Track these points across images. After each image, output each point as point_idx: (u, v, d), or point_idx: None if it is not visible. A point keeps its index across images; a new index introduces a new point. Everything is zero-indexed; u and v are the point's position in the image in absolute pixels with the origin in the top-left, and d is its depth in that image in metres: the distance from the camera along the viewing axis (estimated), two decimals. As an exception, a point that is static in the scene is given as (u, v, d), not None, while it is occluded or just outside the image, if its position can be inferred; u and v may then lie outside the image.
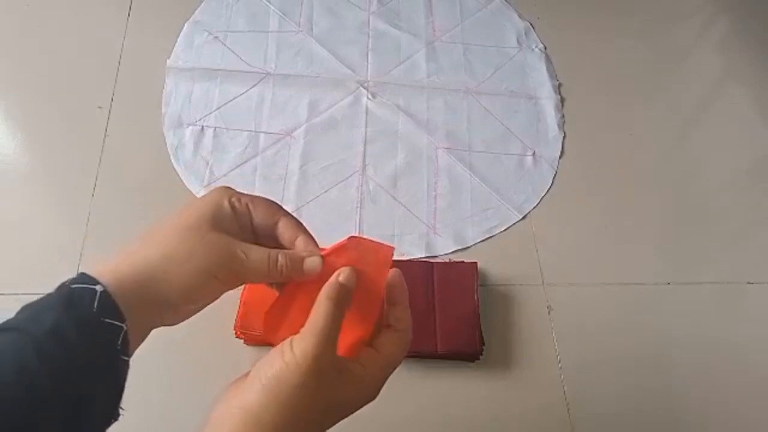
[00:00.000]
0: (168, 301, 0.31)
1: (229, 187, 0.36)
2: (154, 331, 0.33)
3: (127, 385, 0.31)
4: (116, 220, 0.77)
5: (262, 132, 0.87)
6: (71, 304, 0.28)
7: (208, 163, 0.83)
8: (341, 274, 0.34)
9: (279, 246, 0.36)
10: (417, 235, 0.80)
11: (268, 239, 0.36)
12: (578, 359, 0.74)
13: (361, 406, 0.34)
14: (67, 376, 0.27)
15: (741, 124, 0.98)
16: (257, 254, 0.33)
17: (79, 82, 0.87)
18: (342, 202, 0.82)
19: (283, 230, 0.36)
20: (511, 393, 0.71)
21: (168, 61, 0.91)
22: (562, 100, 0.96)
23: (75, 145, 0.82)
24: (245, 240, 0.34)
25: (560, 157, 0.90)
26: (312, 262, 0.35)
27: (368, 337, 0.36)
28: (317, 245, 0.37)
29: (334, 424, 0.33)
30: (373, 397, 0.34)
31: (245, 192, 0.36)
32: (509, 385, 0.71)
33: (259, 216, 0.36)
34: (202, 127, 0.86)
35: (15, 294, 0.70)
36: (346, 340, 0.34)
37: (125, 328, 0.29)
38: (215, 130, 0.86)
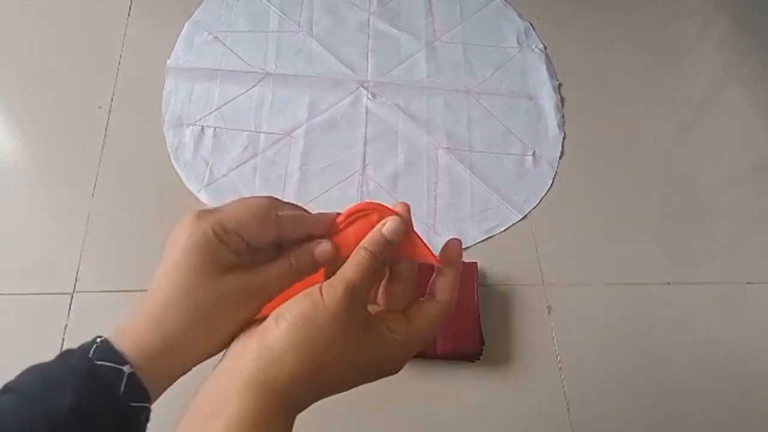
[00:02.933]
0: (196, 359, 0.29)
1: (201, 214, 0.30)
2: None
3: None
4: (116, 220, 0.77)
5: (262, 132, 0.87)
6: (95, 383, 0.26)
7: (208, 163, 0.83)
8: (385, 225, 0.32)
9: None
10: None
11: (267, 249, 0.32)
12: (578, 359, 0.74)
13: (383, 375, 0.32)
14: None
15: (741, 124, 0.98)
16: (269, 272, 0.30)
17: (79, 82, 0.87)
18: (342, 202, 0.82)
19: (287, 221, 0.32)
20: (511, 393, 0.71)
21: (168, 61, 0.91)
22: (562, 100, 0.96)
23: (75, 145, 0.82)
24: (247, 257, 0.31)
25: (560, 157, 0.90)
26: (322, 250, 0.32)
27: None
28: (322, 219, 0.33)
29: (353, 386, 0.31)
30: (396, 370, 0.32)
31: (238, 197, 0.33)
32: (509, 385, 0.71)
33: (249, 233, 0.30)
34: (202, 127, 0.86)
35: (15, 294, 0.70)
36: None
37: (150, 407, 0.28)
38: (215, 130, 0.86)
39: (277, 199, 0.32)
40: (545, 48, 1.01)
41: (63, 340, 0.67)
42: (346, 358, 0.29)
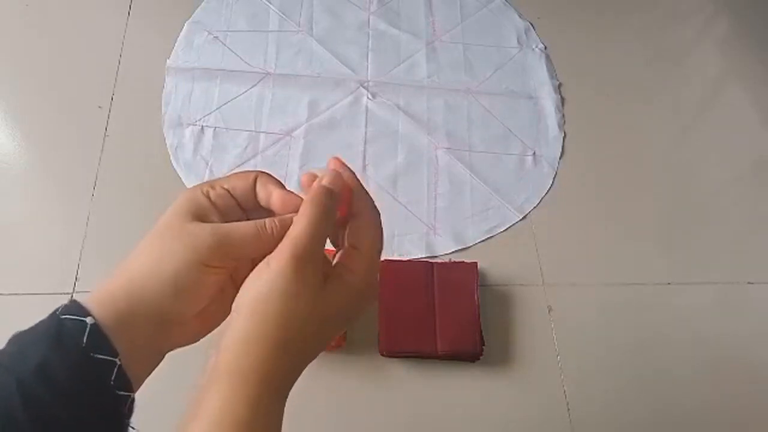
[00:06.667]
0: (164, 310, 0.29)
1: (202, 183, 0.33)
2: None
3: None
4: (116, 220, 0.77)
5: (262, 132, 0.87)
6: (59, 338, 0.26)
7: (207, 163, 0.83)
8: (324, 178, 0.32)
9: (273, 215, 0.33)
10: (417, 235, 0.80)
11: (262, 213, 0.33)
12: (578, 359, 0.74)
13: (364, 308, 0.32)
14: (55, 423, 0.25)
15: (741, 124, 0.98)
16: (244, 226, 0.30)
17: (79, 82, 0.87)
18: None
19: (260, 190, 0.33)
20: (511, 393, 0.71)
21: (168, 61, 0.91)
22: (562, 100, 0.96)
23: (75, 145, 0.82)
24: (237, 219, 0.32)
25: (560, 157, 0.90)
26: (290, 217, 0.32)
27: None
28: (297, 196, 0.33)
29: (330, 340, 0.31)
30: (374, 297, 0.33)
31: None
32: (509, 385, 0.71)
33: (237, 189, 0.32)
34: (202, 127, 0.86)
35: (15, 294, 0.70)
36: None
37: (119, 362, 0.27)
38: (215, 130, 0.86)
39: (270, 175, 0.33)
40: (545, 48, 1.01)
41: (63, 340, 0.67)
42: (315, 317, 0.29)
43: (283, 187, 0.33)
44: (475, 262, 0.76)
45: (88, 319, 0.27)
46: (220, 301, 0.32)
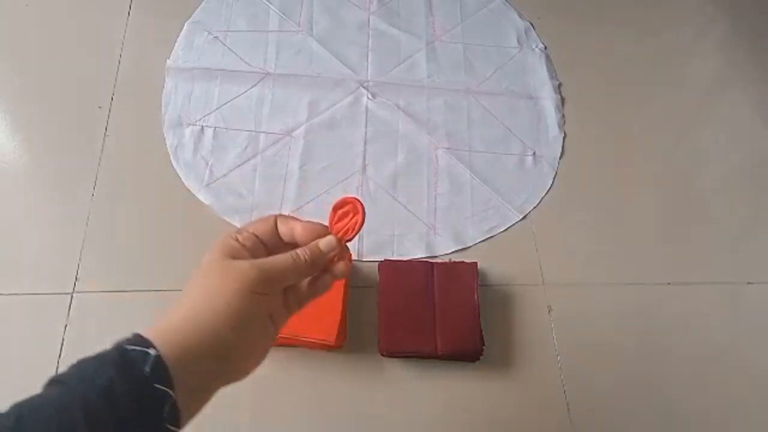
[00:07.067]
0: (219, 340, 0.31)
1: (229, 231, 0.38)
2: None
3: None
4: (116, 220, 0.77)
5: (262, 132, 0.87)
6: (124, 365, 0.28)
7: (207, 163, 0.83)
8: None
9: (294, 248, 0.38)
10: (417, 235, 0.80)
11: (283, 251, 0.38)
12: (578, 359, 0.74)
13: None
14: None
15: (741, 124, 0.98)
16: (281, 257, 0.36)
17: (79, 82, 0.87)
18: (342, 202, 0.82)
19: (281, 228, 0.38)
20: (511, 393, 0.71)
21: (168, 61, 0.91)
22: (562, 100, 0.96)
23: (75, 145, 0.82)
24: (263, 255, 0.37)
25: (560, 157, 0.90)
26: (327, 243, 0.38)
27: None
28: (317, 224, 0.40)
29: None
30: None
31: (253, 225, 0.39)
32: (509, 385, 0.71)
33: (261, 231, 0.38)
34: (202, 127, 0.86)
35: (15, 294, 0.70)
36: None
37: (173, 396, 0.29)
38: (215, 130, 0.86)
39: (287, 215, 0.40)
40: (545, 48, 1.01)
41: (63, 340, 0.67)
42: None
43: (298, 220, 0.39)
44: (475, 262, 0.76)
45: (152, 351, 0.29)
46: (267, 332, 0.36)
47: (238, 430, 0.65)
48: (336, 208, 0.41)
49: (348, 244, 0.41)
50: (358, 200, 0.40)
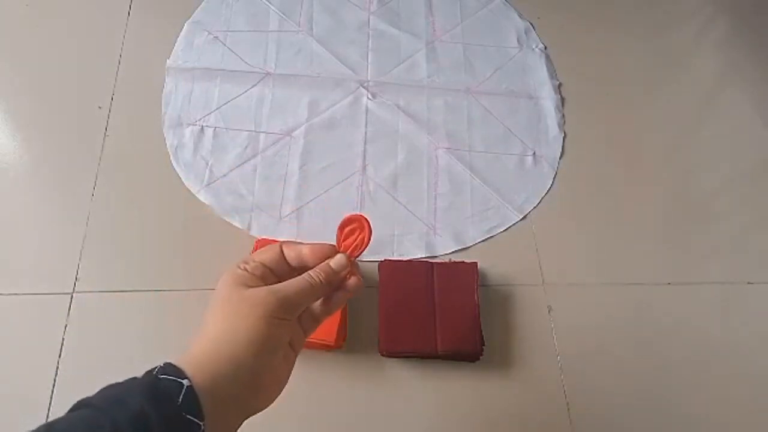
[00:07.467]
0: (244, 368, 0.32)
1: (237, 262, 0.39)
2: None
3: None
4: (116, 220, 0.77)
5: (262, 132, 0.87)
6: (157, 394, 0.29)
7: (207, 163, 0.83)
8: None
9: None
10: (417, 235, 0.80)
11: (293, 274, 0.39)
12: (578, 359, 0.74)
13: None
14: None
15: (741, 124, 0.98)
16: (296, 281, 0.37)
17: (79, 82, 0.87)
18: (342, 202, 0.82)
19: (288, 253, 0.39)
20: (511, 393, 0.71)
21: (168, 61, 0.91)
22: (563, 100, 0.96)
23: (75, 145, 0.82)
24: (273, 281, 0.38)
25: (560, 157, 0.90)
26: (337, 261, 0.39)
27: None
28: (324, 245, 0.40)
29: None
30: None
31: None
32: (509, 385, 0.71)
33: (268, 259, 0.39)
34: (202, 127, 0.86)
35: (15, 294, 0.70)
36: None
37: (203, 427, 0.29)
38: (215, 130, 0.86)
39: (291, 241, 0.41)
40: (545, 48, 1.01)
41: (63, 340, 0.67)
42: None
43: (304, 244, 0.40)
44: (475, 262, 0.76)
45: (185, 381, 0.29)
46: (288, 358, 0.37)
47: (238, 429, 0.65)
48: (342, 227, 0.42)
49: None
50: (364, 217, 0.41)
